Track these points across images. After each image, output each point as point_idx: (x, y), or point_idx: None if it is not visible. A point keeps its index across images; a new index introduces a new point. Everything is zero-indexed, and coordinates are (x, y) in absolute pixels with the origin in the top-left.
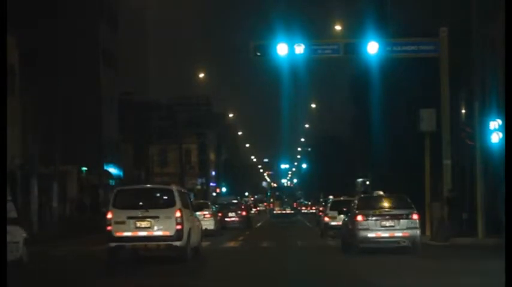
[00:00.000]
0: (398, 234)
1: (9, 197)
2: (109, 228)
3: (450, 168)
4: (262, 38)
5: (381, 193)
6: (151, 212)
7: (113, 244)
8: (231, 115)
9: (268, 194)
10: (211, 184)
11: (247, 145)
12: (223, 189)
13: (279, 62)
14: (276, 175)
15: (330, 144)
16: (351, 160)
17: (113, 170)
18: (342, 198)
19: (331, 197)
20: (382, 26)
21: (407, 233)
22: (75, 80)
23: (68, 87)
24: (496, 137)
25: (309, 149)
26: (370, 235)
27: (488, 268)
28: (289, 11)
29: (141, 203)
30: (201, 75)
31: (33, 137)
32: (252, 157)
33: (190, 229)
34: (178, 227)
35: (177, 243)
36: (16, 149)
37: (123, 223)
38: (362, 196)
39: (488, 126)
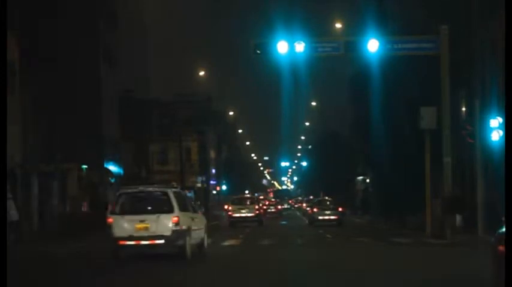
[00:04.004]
0: (332, 217)
1: (9, 195)
2: (230, 213)
3: (450, 166)
4: (263, 36)
5: (327, 197)
6: (246, 206)
7: (232, 219)
8: (231, 113)
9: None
10: (212, 181)
11: (248, 143)
12: (224, 187)
13: (279, 60)
14: (276, 173)
15: (330, 142)
16: (351, 157)
17: (113, 168)
18: (318, 199)
19: (311, 197)
20: (383, 24)
21: (336, 216)
22: (76, 79)
23: (68, 85)
24: (496, 135)
25: (309, 147)
26: (320, 217)
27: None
28: (289, 9)
29: (242, 203)
30: (202, 73)
31: (34, 136)
32: (253, 155)
33: (262, 212)
34: (257, 212)
35: (256, 218)
36: (16, 147)
37: (235, 210)
38: (319, 198)
39: (489, 124)
